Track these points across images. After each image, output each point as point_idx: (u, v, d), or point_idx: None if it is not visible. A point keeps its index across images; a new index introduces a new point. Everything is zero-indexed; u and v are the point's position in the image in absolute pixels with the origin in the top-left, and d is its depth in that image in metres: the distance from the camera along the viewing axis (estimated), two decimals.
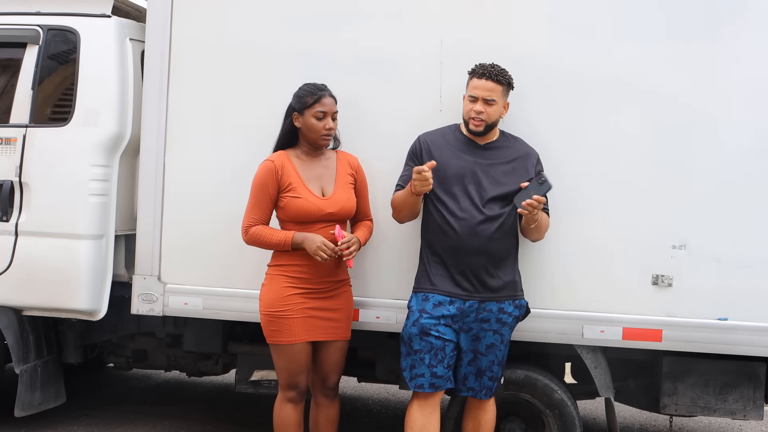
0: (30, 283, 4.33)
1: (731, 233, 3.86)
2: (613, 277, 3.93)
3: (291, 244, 3.63)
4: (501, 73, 3.66)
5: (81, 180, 4.26)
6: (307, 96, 3.69)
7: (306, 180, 3.70)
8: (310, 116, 3.68)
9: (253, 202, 3.72)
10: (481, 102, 3.65)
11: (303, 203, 3.65)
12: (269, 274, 3.75)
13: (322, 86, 3.73)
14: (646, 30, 3.88)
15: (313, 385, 3.85)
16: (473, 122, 3.69)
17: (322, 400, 3.86)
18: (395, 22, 4.03)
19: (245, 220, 3.73)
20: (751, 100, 3.85)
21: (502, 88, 3.67)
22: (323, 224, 3.68)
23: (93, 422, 5.13)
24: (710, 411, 4.07)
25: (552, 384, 4.09)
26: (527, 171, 3.73)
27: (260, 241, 3.70)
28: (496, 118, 3.70)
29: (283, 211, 3.70)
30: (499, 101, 3.67)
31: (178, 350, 4.84)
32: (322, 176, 3.75)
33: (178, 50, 4.19)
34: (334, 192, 3.74)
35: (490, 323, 3.69)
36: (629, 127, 3.90)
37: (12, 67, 4.49)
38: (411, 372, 3.72)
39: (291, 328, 3.64)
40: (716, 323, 3.88)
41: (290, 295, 3.66)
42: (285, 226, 3.73)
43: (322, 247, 3.58)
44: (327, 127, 3.70)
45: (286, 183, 3.67)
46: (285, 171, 3.67)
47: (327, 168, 3.78)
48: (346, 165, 3.83)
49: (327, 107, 3.69)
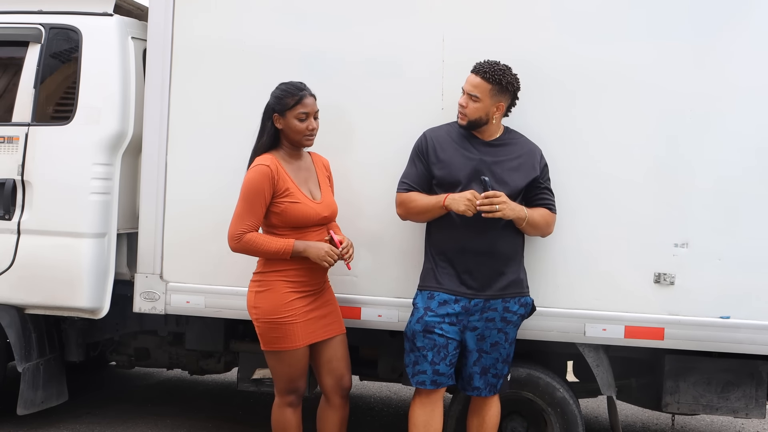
0: (32, 282, 4.34)
1: (733, 231, 3.85)
2: (615, 276, 3.93)
3: (291, 252, 3.56)
4: (493, 72, 3.60)
5: (83, 178, 4.26)
6: (287, 97, 3.60)
7: (298, 184, 3.64)
8: (293, 118, 3.60)
9: (245, 208, 3.56)
10: (465, 96, 3.64)
11: (303, 208, 3.60)
12: (262, 280, 3.65)
13: (302, 85, 3.64)
14: (648, 28, 3.87)
15: (326, 388, 3.79)
16: (458, 115, 3.69)
17: (338, 401, 3.79)
18: (397, 20, 4.03)
19: (236, 227, 3.56)
20: (754, 98, 3.84)
21: (491, 87, 3.60)
22: (317, 228, 3.67)
23: (95, 420, 5.13)
24: (712, 409, 4.07)
25: (554, 382, 4.09)
26: (533, 167, 3.72)
27: (255, 250, 3.58)
28: (479, 116, 3.64)
29: (279, 217, 3.60)
30: (484, 99, 3.61)
31: (180, 348, 4.84)
32: (308, 179, 3.71)
33: (179, 48, 4.19)
34: (323, 195, 3.71)
35: (495, 322, 3.70)
36: (631, 125, 3.90)
37: (14, 65, 4.49)
38: (413, 368, 3.72)
39: (294, 333, 3.61)
40: (718, 321, 3.88)
41: (292, 300, 3.62)
42: (276, 232, 3.63)
43: (330, 253, 3.57)
44: (310, 127, 3.63)
45: (282, 188, 3.58)
46: (280, 176, 3.58)
47: (309, 171, 3.75)
48: (321, 167, 3.81)
49: (309, 108, 3.61)
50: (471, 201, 3.53)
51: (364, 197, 4.05)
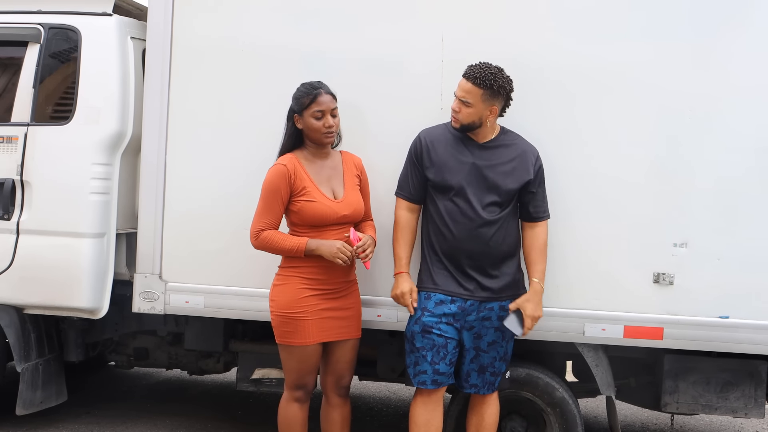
0: (31, 282, 4.34)
1: (733, 231, 3.86)
2: (614, 275, 3.93)
3: (304, 251, 3.60)
4: (485, 77, 3.56)
5: (82, 178, 4.26)
6: (303, 97, 3.66)
7: (318, 183, 3.67)
8: (309, 116, 3.65)
9: (264, 207, 3.65)
10: (457, 101, 3.64)
11: (319, 207, 3.63)
12: (282, 275, 3.71)
13: (318, 84, 3.69)
14: (648, 28, 3.87)
15: (326, 386, 3.83)
16: (452, 119, 3.69)
17: (336, 399, 3.83)
18: (397, 20, 4.03)
19: (255, 224, 3.66)
20: (753, 98, 3.84)
21: (483, 92, 3.57)
22: (337, 227, 3.67)
23: (94, 420, 5.13)
24: (711, 409, 4.07)
25: (553, 382, 4.09)
26: (527, 170, 3.71)
27: (271, 247, 3.65)
28: (472, 120, 3.63)
29: (297, 215, 3.65)
30: (475, 104, 3.58)
31: (179, 348, 4.84)
32: (331, 178, 3.73)
33: (179, 48, 4.19)
34: (345, 194, 3.72)
35: (492, 321, 3.70)
36: (630, 125, 3.90)
37: (13, 65, 4.49)
38: (414, 369, 3.72)
39: (306, 329, 3.63)
40: (717, 321, 3.88)
41: (306, 297, 3.64)
42: (297, 230, 3.69)
43: (343, 249, 3.58)
44: (327, 125, 3.66)
45: (299, 187, 3.62)
46: (297, 175, 3.63)
47: (334, 169, 3.77)
48: (351, 166, 3.82)
49: (324, 105, 3.65)
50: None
51: None
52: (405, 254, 3.78)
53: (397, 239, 3.80)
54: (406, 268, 3.77)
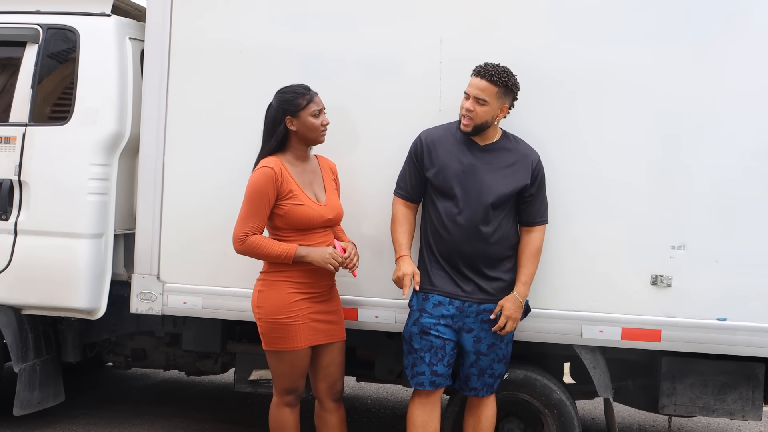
0: (29, 282, 4.33)
1: (730, 234, 3.86)
2: (612, 277, 3.93)
3: (293, 257, 3.57)
4: (499, 74, 3.60)
5: (80, 179, 4.26)
6: (298, 98, 3.64)
7: (302, 186, 3.66)
8: (308, 116, 3.64)
9: (249, 210, 3.57)
10: (472, 100, 3.63)
11: (306, 210, 3.61)
12: (267, 280, 3.66)
13: (306, 86, 3.70)
14: (647, 30, 3.87)
15: (319, 392, 3.81)
16: (463, 120, 3.68)
17: (331, 404, 3.82)
18: (395, 21, 4.03)
19: (240, 229, 3.58)
20: (751, 101, 3.84)
21: (498, 89, 3.60)
22: (321, 230, 3.67)
23: (92, 421, 5.13)
24: (709, 411, 4.07)
25: (551, 384, 4.09)
26: (526, 175, 3.70)
27: (258, 252, 3.59)
28: (485, 120, 3.64)
29: (283, 219, 3.61)
30: (491, 102, 3.61)
31: (177, 349, 4.84)
32: (313, 182, 3.72)
33: (177, 49, 4.19)
34: (328, 197, 3.73)
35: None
36: (629, 126, 3.90)
37: (12, 66, 4.49)
38: (412, 370, 3.72)
39: (296, 334, 3.61)
40: (715, 323, 3.89)
41: (296, 301, 3.62)
42: (280, 234, 3.65)
43: (334, 255, 3.59)
44: (324, 123, 3.68)
45: (286, 190, 3.59)
46: (284, 178, 3.60)
47: (315, 173, 3.76)
48: (328, 170, 3.82)
49: (320, 104, 3.67)
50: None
51: (361, 197, 4.05)
52: (405, 240, 3.77)
53: (395, 229, 3.79)
54: (407, 252, 3.75)
